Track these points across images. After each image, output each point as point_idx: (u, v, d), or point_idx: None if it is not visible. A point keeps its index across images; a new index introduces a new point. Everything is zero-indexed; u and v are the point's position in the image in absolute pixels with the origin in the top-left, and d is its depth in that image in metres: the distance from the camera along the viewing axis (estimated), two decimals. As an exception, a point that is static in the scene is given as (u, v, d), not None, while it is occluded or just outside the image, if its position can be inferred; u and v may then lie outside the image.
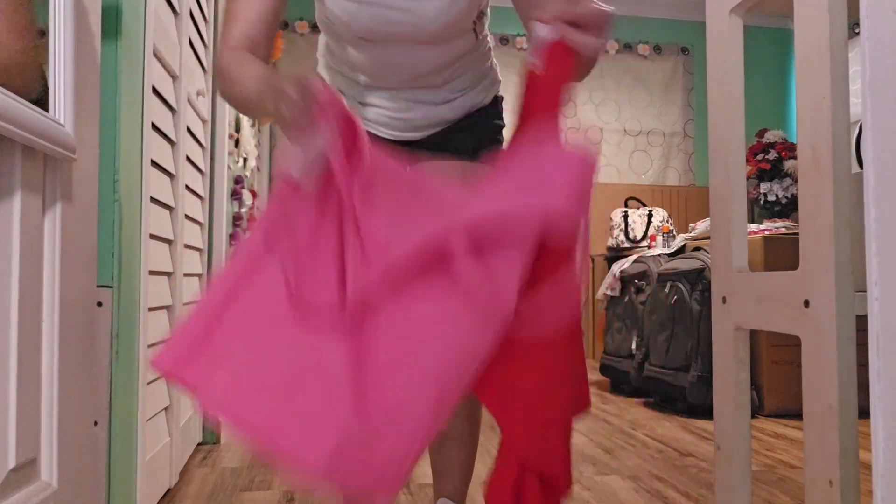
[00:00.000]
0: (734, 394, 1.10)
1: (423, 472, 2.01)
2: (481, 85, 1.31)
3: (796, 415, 2.82)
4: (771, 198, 4.52)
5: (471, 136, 1.30)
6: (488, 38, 1.31)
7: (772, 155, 4.53)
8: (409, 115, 1.27)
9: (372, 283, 0.79)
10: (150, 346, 1.51)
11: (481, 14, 1.22)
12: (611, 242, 4.83)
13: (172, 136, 1.68)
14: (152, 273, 1.54)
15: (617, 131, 5.30)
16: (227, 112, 2.41)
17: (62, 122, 0.93)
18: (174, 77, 1.71)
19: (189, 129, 1.90)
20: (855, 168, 0.87)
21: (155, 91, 1.52)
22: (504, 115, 1.37)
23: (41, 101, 0.92)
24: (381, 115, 1.27)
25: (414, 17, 1.11)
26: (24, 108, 0.82)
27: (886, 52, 0.60)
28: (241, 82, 0.98)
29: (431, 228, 0.80)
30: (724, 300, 1.12)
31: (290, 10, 1.67)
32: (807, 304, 0.89)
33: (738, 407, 1.10)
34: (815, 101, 0.87)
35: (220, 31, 1.10)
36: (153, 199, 1.52)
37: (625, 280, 3.65)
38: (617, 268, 3.77)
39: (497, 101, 1.36)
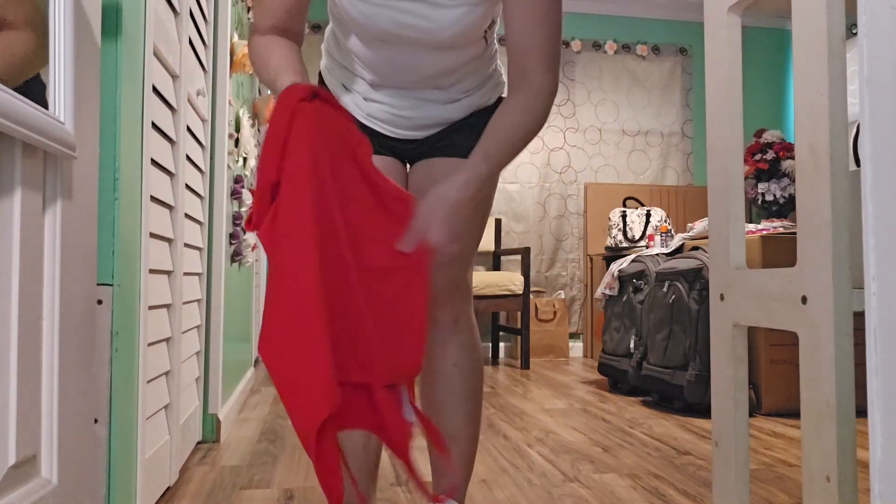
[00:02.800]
0: (732, 391, 1.11)
1: (423, 470, 2.02)
2: (487, 86, 1.31)
3: (794, 414, 2.82)
4: (769, 198, 4.52)
5: (470, 134, 1.31)
6: (495, 42, 1.31)
7: (770, 155, 4.54)
8: (415, 113, 1.27)
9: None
10: (149, 344, 1.51)
11: (493, 22, 1.22)
12: (609, 242, 4.83)
13: (172, 135, 1.69)
14: (152, 271, 1.54)
15: (615, 131, 5.31)
16: (226, 111, 2.41)
17: (62, 119, 0.93)
18: (174, 76, 1.71)
19: (189, 129, 1.90)
20: (852, 166, 0.88)
21: (155, 90, 1.52)
22: None
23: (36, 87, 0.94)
24: (385, 112, 1.27)
25: (429, 23, 1.11)
26: (24, 106, 0.82)
27: (884, 48, 0.60)
28: (264, 71, 1.11)
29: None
30: (721, 297, 1.12)
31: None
32: (804, 300, 0.89)
33: (737, 404, 1.11)
34: (812, 98, 0.87)
35: (252, 17, 1.21)
36: (153, 198, 1.53)
37: (623, 279, 3.65)
38: (615, 267, 3.77)
39: (500, 101, 1.36)
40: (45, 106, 0.91)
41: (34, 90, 0.94)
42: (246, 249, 2.86)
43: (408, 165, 1.36)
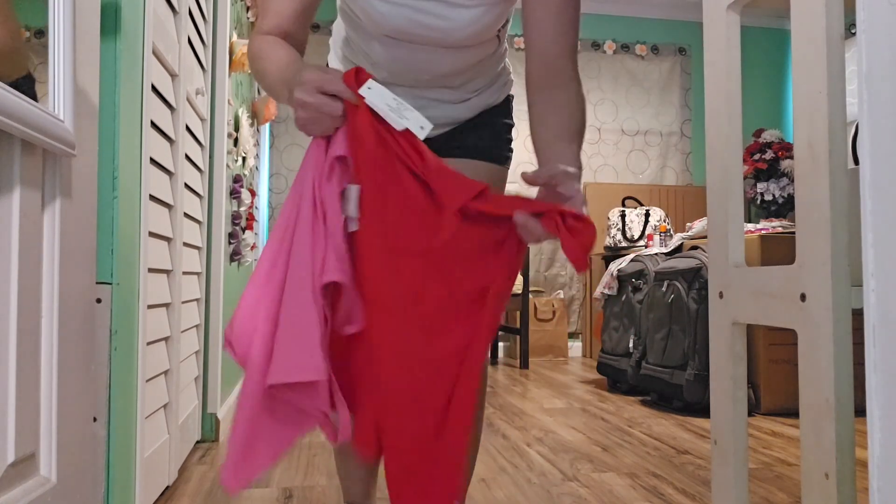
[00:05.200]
0: (731, 389, 1.11)
1: (422, 469, 2.01)
2: (496, 85, 1.31)
3: (793, 413, 2.83)
4: (768, 197, 4.52)
5: (481, 134, 1.30)
6: (505, 41, 1.31)
7: (769, 155, 4.54)
8: (425, 112, 1.26)
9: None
10: (148, 343, 1.51)
11: (506, 21, 1.22)
12: (608, 242, 4.83)
13: (171, 134, 1.69)
14: (151, 270, 1.54)
15: (614, 131, 5.31)
16: (225, 111, 2.41)
17: (61, 117, 0.93)
18: (173, 75, 1.71)
19: (188, 128, 1.90)
20: (851, 164, 0.88)
21: (154, 89, 1.52)
22: (513, 114, 1.37)
23: (26, 85, 0.94)
24: None
25: (446, 23, 1.11)
26: (23, 104, 0.82)
27: (882, 44, 0.60)
28: (267, 69, 1.04)
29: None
30: (720, 295, 1.12)
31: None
32: (803, 297, 0.89)
33: (735, 402, 1.11)
34: (811, 96, 0.87)
35: (255, 22, 1.13)
36: (152, 197, 1.53)
37: (622, 279, 3.65)
38: (614, 267, 3.77)
39: (508, 100, 1.36)
40: (36, 99, 0.91)
41: (23, 85, 0.94)
42: (245, 249, 2.86)
43: None
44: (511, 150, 1.36)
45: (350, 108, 0.90)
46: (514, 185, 5.15)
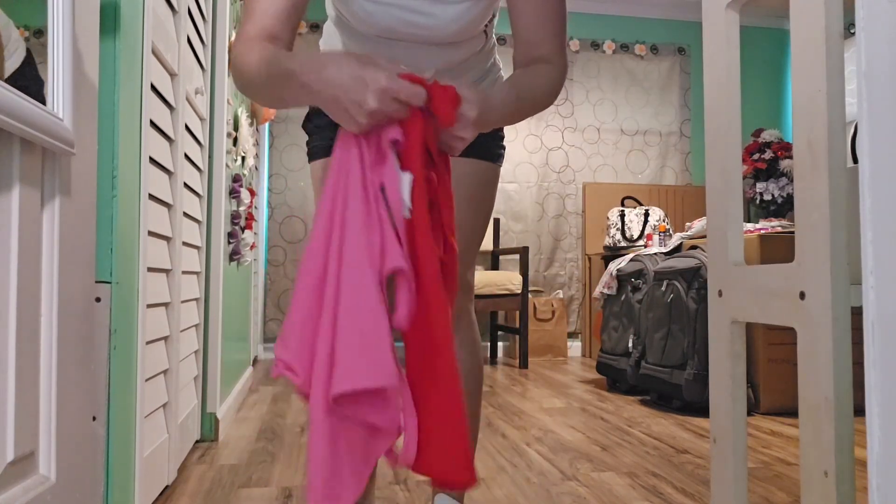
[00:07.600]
0: (730, 387, 1.11)
1: (421, 469, 2.01)
2: (486, 80, 1.31)
3: (792, 413, 2.83)
4: (767, 197, 4.52)
5: None
6: (493, 36, 1.31)
7: (768, 154, 4.54)
8: None
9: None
10: (148, 342, 1.51)
11: (493, 16, 1.23)
12: (607, 241, 4.83)
13: (171, 133, 1.69)
14: (150, 270, 1.54)
15: (614, 131, 5.31)
16: (225, 110, 2.41)
17: (61, 116, 0.93)
18: (173, 75, 1.71)
19: (188, 127, 1.90)
20: (850, 163, 0.88)
21: (154, 88, 1.52)
22: None
23: (29, 74, 0.94)
24: None
25: (433, 20, 1.12)
26: (23, 102, 0.82)
27: (882, 43, 0.60)
28: (259, 81, 0.97)
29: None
30: (720, 293, 1.13)
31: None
32: (802, 295, 0.89)
33: (735, 401, 1.11)
34: (810, 95, 0.87)
35: (238, 28, 1.07)
36: (152, 196, 1.53)
37: (621, 279, 3.65)
38: (614, 266, 3.77)
39: None
40: (44, 102, 0.91)
41: (32, 87, 0.94)
42: (244, 248, 2.86)
43: None
44: (503, 148, 1.36)
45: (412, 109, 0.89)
46: (514, 185, 5.16)
